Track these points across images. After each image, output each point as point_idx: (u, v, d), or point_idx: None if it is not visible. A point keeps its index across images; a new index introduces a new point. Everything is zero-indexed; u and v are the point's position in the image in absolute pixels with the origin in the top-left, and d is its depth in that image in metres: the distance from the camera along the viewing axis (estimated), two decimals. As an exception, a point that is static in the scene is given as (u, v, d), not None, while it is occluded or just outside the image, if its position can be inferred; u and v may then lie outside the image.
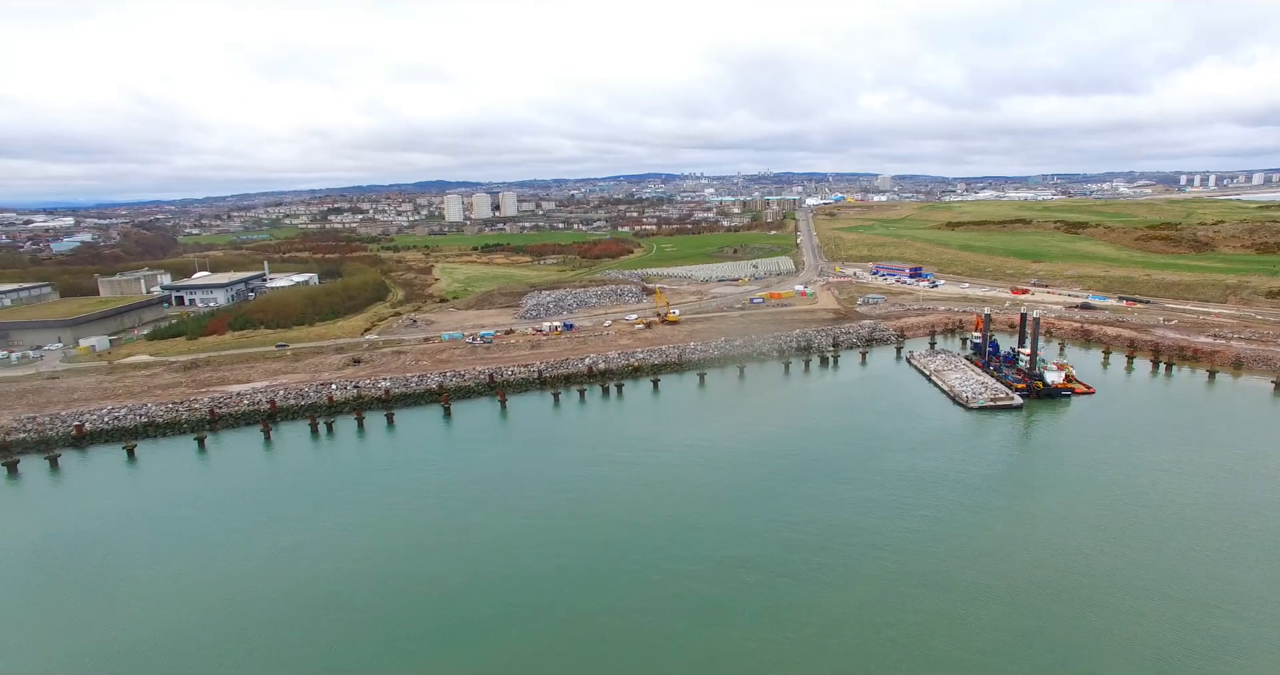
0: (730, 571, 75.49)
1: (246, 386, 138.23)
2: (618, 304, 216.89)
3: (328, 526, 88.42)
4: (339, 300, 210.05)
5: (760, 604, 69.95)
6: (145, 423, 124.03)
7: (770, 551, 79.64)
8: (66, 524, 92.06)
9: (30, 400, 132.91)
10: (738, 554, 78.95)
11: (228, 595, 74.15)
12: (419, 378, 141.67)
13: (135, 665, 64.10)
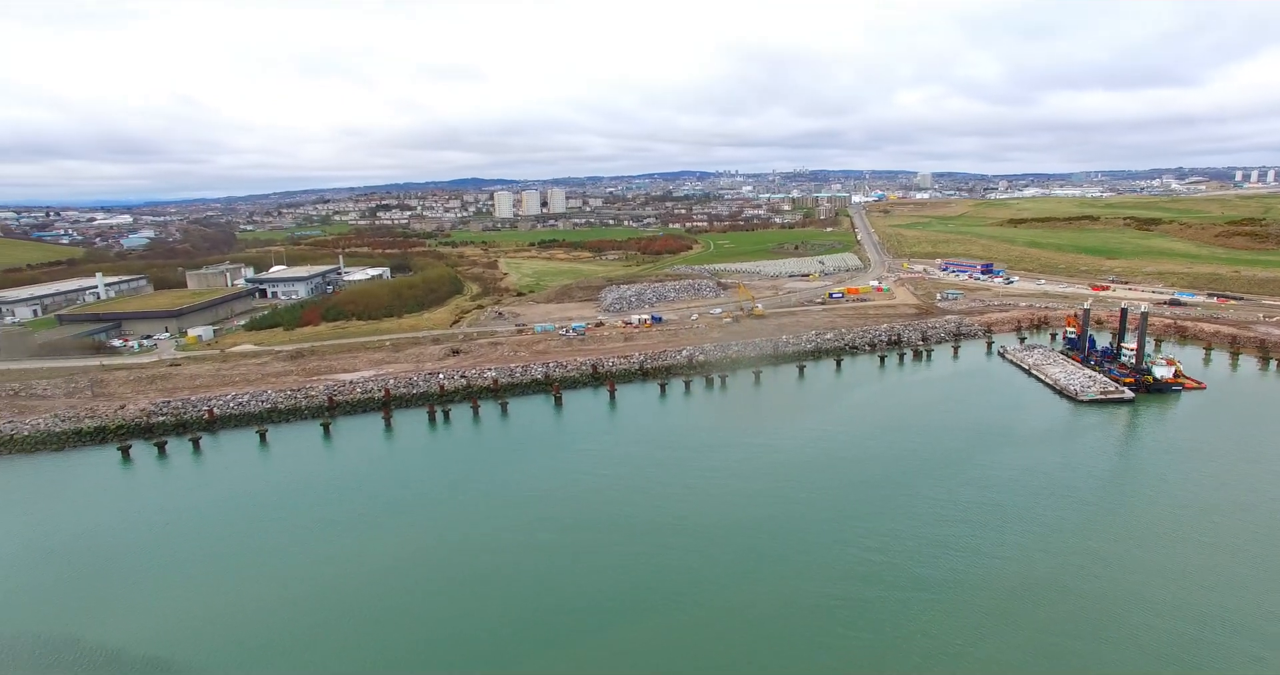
0: (851, 584, 71.79)
1: (355, 375, 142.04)
2: (696, 298, 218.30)
3: (467, 509, 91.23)
4: (421, 293, 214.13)
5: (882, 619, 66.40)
6: (269, 409, 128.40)
7: (896, 558, 76.50)
8: (215, 502, 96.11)
9: (159, 386, 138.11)
10: (856, 562, 75.87)
11: (370, 572, 76.91)
12: (523, 368, 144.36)
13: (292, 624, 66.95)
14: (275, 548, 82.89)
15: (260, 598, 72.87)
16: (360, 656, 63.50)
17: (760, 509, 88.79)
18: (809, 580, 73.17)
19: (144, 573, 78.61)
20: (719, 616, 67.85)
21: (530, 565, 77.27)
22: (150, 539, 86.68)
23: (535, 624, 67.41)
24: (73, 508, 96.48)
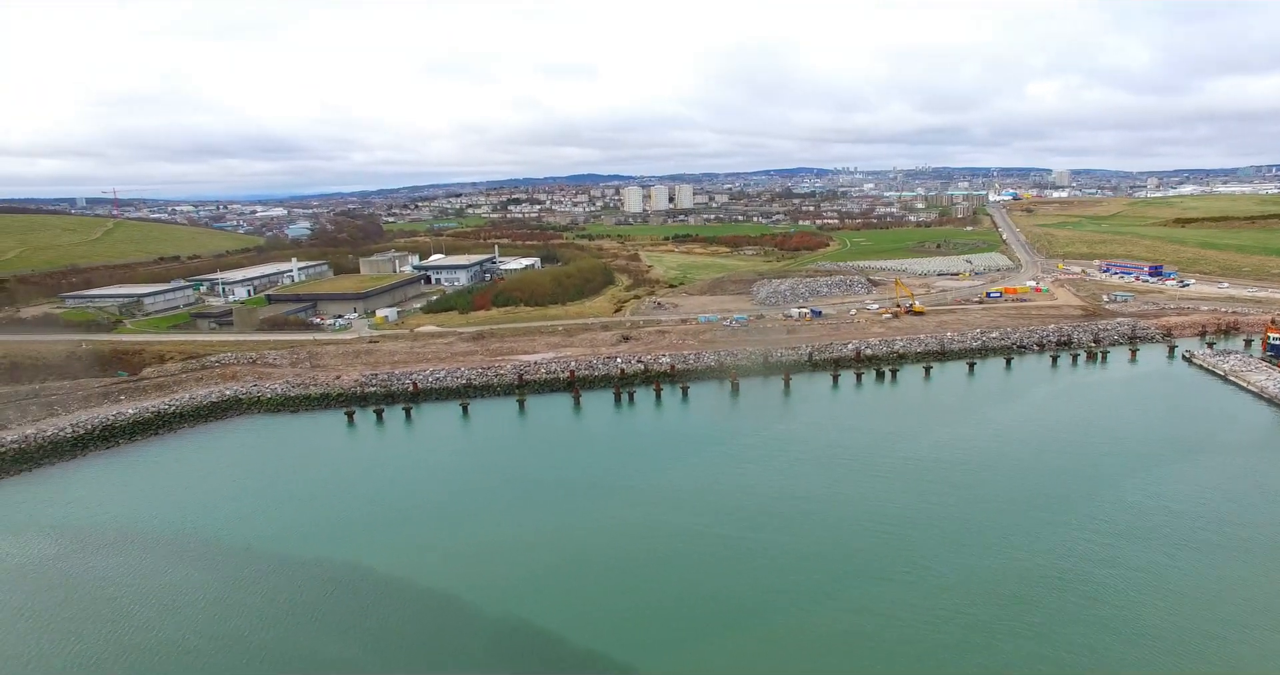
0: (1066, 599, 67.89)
1: (537, 357, 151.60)
2: (848, 294, 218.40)
3: (654, 486, 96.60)
4: (578, 282, 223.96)
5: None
6: (464, 384, 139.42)
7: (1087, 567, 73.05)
8: (426, 464, 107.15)
9: (364, 360, 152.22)
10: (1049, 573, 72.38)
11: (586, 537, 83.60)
12: (695, 355, 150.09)
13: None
14: (488, 504, 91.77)
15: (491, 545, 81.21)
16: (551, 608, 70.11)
17: (936, 509, 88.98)
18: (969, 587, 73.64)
19: (393, 515, 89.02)
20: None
21: (705, 552, 79.44)
22: (380, 492, 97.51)
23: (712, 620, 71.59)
24: (320, 460, 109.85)
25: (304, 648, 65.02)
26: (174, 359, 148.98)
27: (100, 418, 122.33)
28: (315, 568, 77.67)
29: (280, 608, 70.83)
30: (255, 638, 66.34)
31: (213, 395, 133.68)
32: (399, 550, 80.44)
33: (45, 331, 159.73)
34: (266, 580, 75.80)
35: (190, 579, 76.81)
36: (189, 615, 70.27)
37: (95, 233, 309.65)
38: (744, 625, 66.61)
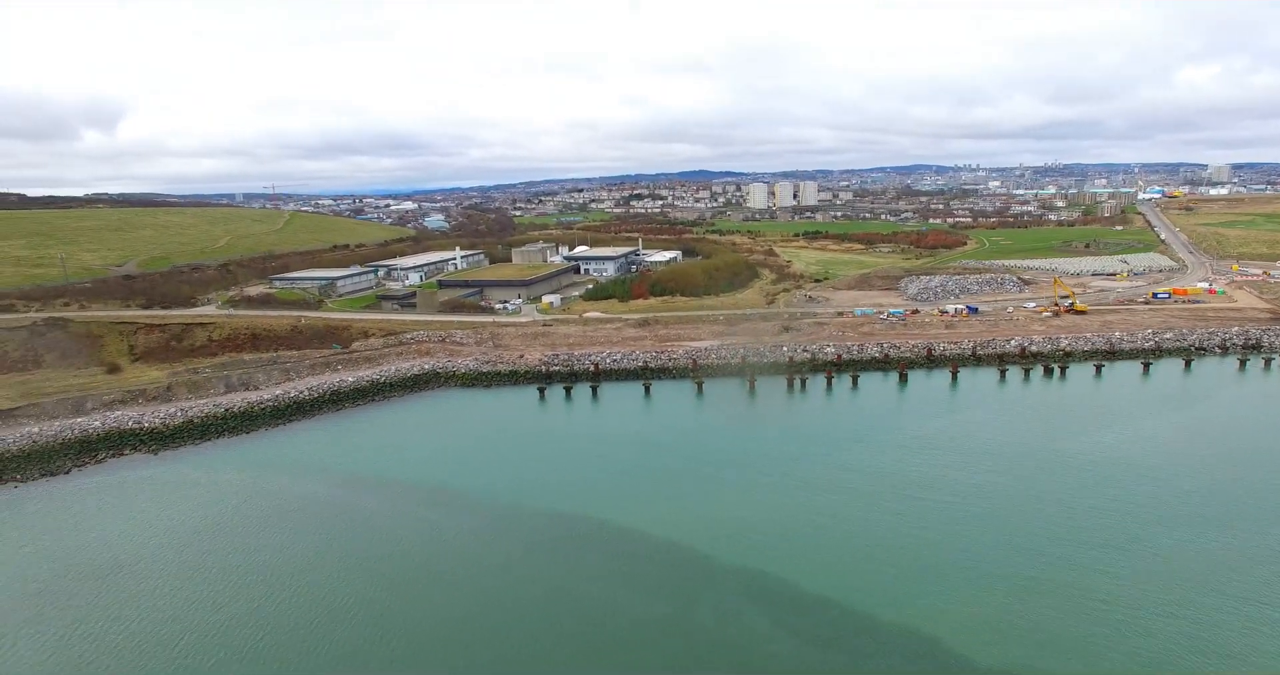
0: None
1: (703, 343, 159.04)
2: (999, 292, 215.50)
3: (825, 467, 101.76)
4: (727, 275, 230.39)
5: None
6: (641, 366, 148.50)
7: None
8: (615, 437, 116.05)
9: (542, 341, 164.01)
10: None
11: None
12: (859, 346, 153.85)
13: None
14: (665, 478, 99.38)
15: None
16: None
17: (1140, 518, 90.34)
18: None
19: (602, 478, 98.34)
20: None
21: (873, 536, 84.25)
22: (586, 457, 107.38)
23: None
24: (523, 429, 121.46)
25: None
26: (375, 335, 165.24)
27: (328, 384, 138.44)
28: (556, 519, 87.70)
29: (520, 546, 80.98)
30: (517, 567, 76.49)
31: (414, 368, 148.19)
32: (621, 509, 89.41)
33: (269, 308, 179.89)
34: (496, 524, 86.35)
35: (447, 519, 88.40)
36: (450, 546, 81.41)
37: (278, 223, 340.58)
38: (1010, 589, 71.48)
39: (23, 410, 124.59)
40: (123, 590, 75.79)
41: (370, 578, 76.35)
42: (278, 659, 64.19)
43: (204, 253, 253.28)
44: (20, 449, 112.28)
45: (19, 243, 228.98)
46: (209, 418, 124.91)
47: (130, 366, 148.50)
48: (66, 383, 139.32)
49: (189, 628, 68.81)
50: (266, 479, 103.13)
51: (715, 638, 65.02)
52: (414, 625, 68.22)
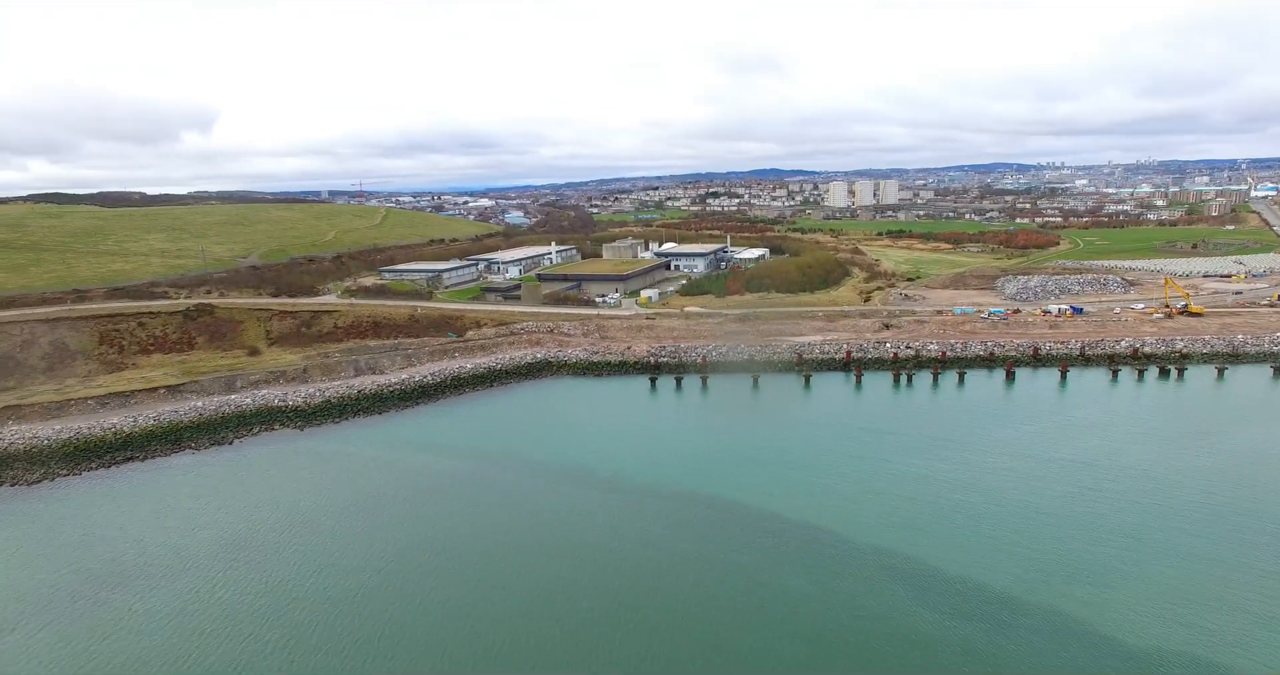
0: None
1: (806, 338, 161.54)
2: (1102, 293, 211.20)
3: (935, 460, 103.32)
4: (820, 273, 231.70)
5: None
6: (747, 360, 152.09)
7: None
8: (732, 429, 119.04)
9: (646, 334, 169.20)
10: None
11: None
12: (961, 344, 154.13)
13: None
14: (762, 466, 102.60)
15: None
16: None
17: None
18: None
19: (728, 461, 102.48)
20: None
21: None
22: (693, 444, 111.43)
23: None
24: (639, 417, 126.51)
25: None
26: (486, 325, 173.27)
27: (449, 369, 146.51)
28: (692, 499, 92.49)
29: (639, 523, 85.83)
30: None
31: (527, 357, 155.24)
32: (754, 491, 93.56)
33: (385, 298, 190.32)
34: (633, 501, 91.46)
35: (590, 496, 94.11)
36: (594, 521, 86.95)
37: (376, 219, 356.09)
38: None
39: (187, 387, 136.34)
40: (303, 547, 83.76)
41: (522, 550, 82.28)
42: (452, 618, 70.52)
43: (315, 246, 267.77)
44: (191, 421, 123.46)
45: (160, 236, 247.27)
46: (344, 398, 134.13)
47: (268, 350, 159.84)
48: (217, 363, 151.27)
49: (365, 585, 75.96)
50: (405, 455, 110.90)
51: (858, 607, 68.48)
52: (582, 595, 73.69)
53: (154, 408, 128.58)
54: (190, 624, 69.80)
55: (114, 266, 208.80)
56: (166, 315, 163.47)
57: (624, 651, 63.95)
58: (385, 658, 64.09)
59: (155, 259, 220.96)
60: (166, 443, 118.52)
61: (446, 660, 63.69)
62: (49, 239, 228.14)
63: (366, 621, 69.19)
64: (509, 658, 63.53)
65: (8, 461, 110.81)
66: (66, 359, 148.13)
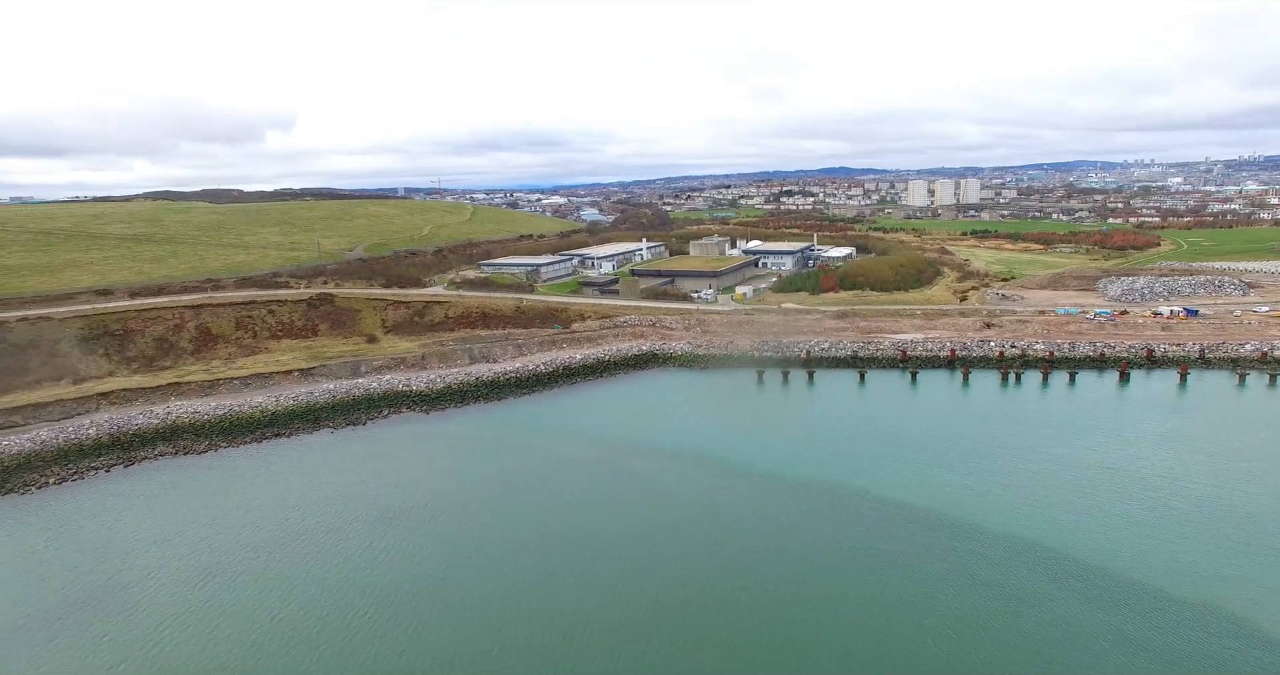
0: None
1: (907, 336, 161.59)
2: (1218, 295, 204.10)
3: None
4: (912, 272, 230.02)
5: None
6: (850, 355, 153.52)
7: None
8: (843, 421, 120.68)
9: (746, 329, 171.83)
10: None
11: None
12: (1069, 344, 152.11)
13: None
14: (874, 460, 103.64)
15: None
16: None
17: None
18: None
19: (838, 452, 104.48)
20: None
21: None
22: (811, 435, 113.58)
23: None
24: (748, 408, 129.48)
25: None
26: (590, 318, 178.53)
27: (560, 359, 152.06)
28: (822, 489, 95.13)
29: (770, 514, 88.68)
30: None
31: (633, 349, 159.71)
32: (885, 482, 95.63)
33: (488, 290, 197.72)
34: (758, 490, 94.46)
35: (717, 481, 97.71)
36: (726, 507, 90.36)
37: (465, 215, 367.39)
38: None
39: (317, 370, 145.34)
40: (452, 520, 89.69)
41: (666, 532, 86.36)
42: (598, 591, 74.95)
43: (413, 240, 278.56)
44: (325, 402, 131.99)
45: (274, 230, 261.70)
46: (464, 384, 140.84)
47: (384, 337, 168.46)
48: (339, 349, 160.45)
49: (508, 560, 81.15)
50: (529, 438, 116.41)
51: (1002, 590, 70.16)
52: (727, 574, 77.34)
53: (291, 389, 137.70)
54: (366, 584, 75.99)
55: (237, 258, 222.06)
56: (292, 304, 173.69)
57: (775, 634, 67.16)
58: (536, 624, 68.85)
59: (272, 252, 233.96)
60: (307, 421, 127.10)
61: (592, 633, 67.97)
62: (181, 233, 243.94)
63: (525, 588, 74.21)
64: (654, 636, 67.44)
65: (178, 432, 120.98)
66: (210, 342, 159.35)
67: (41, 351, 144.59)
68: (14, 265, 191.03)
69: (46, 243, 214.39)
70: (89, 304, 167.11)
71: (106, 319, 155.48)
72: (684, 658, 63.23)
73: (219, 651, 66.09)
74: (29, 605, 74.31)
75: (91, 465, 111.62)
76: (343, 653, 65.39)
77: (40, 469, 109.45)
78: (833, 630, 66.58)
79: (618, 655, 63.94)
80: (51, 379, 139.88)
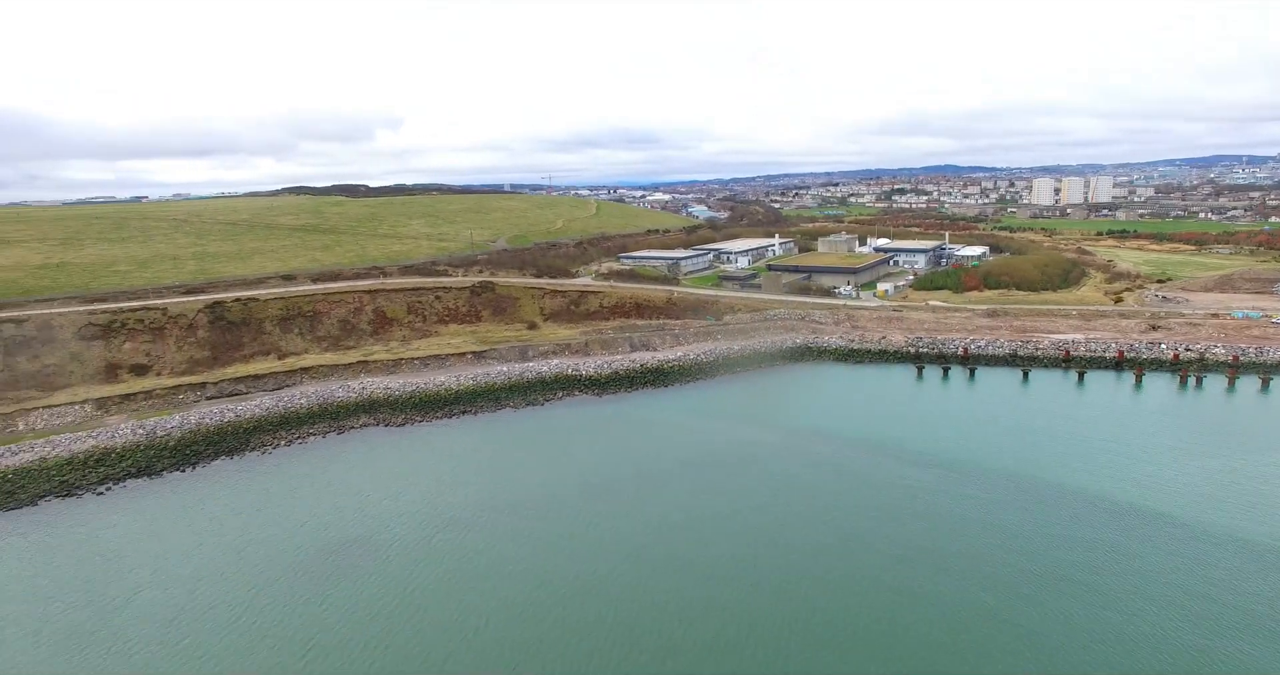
0: None
1: (1068, 336, 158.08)
2: None
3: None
4: (1056, 272, 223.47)
5: None
6: (1009, 354, 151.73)
7: None
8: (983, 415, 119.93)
9: (897, 325, 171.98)
10: None
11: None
12: (1255, 349, 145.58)
13: None
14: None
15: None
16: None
17: None
18: None
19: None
20: None
21: None
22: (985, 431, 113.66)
23: None
24: (912, 402, 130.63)
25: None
26: (740, 310, 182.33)
27: (717, 350, 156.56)
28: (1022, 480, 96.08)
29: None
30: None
31: (787, 342, 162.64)
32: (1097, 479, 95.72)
33: (634, 281, 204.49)
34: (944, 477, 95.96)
35: (907, 469, 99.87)
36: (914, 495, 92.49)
37: (591, 210, 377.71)
38: None
39: (488, 353, 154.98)
40: (656, 498, 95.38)
41: (844, 516, 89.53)
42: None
43: (548, 233, 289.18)
44: (502, 383, 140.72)
45: (421, 222, 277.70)
46: (630, 370, 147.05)
47: (544, 324, 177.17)
48: (504, 334, 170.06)
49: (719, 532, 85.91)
50: (704, 423, 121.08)
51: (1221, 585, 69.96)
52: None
53: (468, 370, 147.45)
54: (589, 550, 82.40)
55: (394, 248, 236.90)
56: (457, 290, 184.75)
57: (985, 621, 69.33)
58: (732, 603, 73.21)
59: (424, 242, 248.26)
60: (488, 400, 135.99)
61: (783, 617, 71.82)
62: (341, 224, 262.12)
63: (727, 567, 78.89)
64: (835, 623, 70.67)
65: (375, 406, 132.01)
66: (386, 325, 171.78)
67: (250, 329, 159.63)
68: (214, 252, 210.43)
69: (234, 232, 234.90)
70: (279, 288, 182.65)
71: (300, 302, 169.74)
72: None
73: (465, 593, 73.49)
74: (309, 543, 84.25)
75: (309, 431, 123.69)
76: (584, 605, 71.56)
77: (270, 432, 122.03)
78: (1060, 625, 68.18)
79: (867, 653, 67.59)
80: (260, 354, 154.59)
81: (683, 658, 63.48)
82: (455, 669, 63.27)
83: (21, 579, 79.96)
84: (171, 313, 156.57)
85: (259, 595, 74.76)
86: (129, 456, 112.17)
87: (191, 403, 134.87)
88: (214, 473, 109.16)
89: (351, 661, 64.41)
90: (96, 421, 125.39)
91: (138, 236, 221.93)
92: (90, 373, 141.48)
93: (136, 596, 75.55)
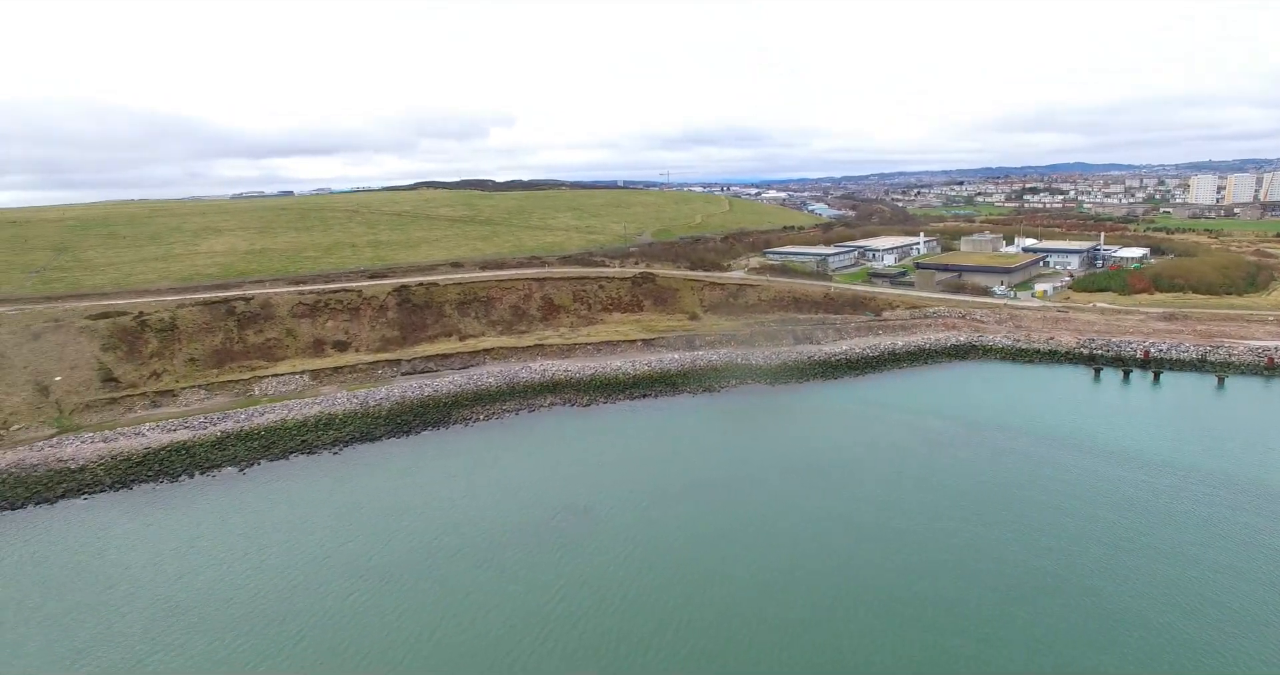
0: None
1: (1264, 343, 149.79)
2: None
3: None
4: (1239, 275, 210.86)
5: None
6: (1197, 359, 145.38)
7: None
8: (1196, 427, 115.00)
9: (1063, 326, 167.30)
10: None
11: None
12: None
13: None
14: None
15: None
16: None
17: None
18: None
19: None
20: None
21: None
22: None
23: None
24: (1090, 403, 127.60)
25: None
26: (899, 307, 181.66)
27: (882, 345, 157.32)
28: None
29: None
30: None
31: (950, 339, 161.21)
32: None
33: (787, 276, 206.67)
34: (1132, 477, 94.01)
35: (1097, 466, 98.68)
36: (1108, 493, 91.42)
37: (725, 206, 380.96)
38: None
39: (657, 341, 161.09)
40: (851, 482, 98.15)
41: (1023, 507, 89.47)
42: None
43: (690, 228, 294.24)
44: (674, 370, 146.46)
45: (567, 215, 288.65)
46: (798, 363, 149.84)
47: (704, 316, 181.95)
48: (667, 323, 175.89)
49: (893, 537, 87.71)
50: (883, 413, 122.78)
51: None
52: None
53: (639, 356, 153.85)
54: (773, 531, 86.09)
55: (546, 239, 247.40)
56: (619, 281, 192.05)
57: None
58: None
59: (574, 234, 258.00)
60: (664, 385, 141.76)
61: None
62: (494, 216, 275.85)
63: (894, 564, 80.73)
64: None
65: (558, 387, 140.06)
66: (554, 311, 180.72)
67: (432, 312, 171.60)
68: (386, 240, 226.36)
69: (400, 223, 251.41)
70: (453, 274, 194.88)
71: (475, 287, 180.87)
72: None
73: (690, 565, 78.50)
74: (541, 505, 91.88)
75: (503, 408, 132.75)
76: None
77: (467, 407, 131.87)
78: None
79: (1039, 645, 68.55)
80: (443, 335, 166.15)
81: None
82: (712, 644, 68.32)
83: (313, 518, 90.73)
84: (365, 295, 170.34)
85: (503, 548, 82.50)
86: (350, 422, 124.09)
87: (389, 377, 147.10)
88: (424, 441, 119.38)
89: (591, 615, 70.49)
90: (313, 390, 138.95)
91: (319, 226, 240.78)
92: (302, 346, 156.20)
93: (393, 540, 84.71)
